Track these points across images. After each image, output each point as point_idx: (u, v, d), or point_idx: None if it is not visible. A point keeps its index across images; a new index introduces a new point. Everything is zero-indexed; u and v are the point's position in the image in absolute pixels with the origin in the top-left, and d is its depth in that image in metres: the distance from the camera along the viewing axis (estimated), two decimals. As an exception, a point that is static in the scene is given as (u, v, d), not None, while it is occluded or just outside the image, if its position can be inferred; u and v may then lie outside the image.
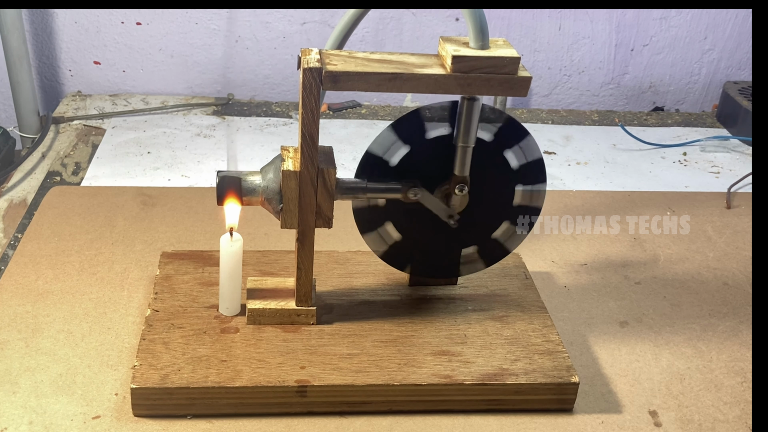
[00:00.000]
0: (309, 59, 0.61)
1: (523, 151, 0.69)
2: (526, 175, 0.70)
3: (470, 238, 0.73)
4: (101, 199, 0.95)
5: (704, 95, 1.38)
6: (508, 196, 0.71)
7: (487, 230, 0.73)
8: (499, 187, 0.71)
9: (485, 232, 0.73)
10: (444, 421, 0.66)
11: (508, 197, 0.71)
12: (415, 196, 0.68)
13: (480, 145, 0.68)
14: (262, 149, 1.12)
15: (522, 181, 0.70)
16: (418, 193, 0.68)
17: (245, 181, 0.65)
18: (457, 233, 0.72)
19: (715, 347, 0.77)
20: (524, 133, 0.69)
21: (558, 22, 1.28)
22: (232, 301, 0.70)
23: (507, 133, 0.68)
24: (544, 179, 0.71)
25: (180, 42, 1.24)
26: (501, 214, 0.72)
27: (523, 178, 0.70)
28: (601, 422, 0.67)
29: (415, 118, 0.67)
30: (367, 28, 1.26)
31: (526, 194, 0.71)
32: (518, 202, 0.71)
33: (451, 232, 0.72)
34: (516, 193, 0.71)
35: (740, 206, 1.04)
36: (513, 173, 0.70)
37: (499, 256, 0.74)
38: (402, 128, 0.67)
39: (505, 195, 0.71)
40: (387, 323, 0.71)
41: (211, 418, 0.64)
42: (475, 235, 0.73)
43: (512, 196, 0.71)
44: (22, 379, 0.66)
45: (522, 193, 0.71)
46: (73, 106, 1.22)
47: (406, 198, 0.68)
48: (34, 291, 0.77)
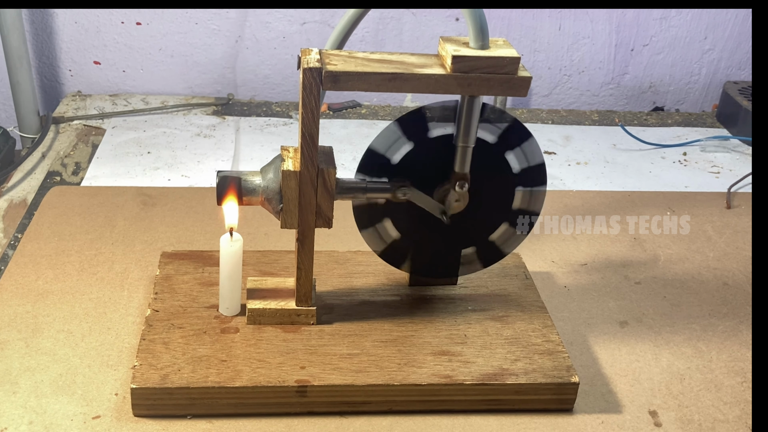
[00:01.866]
0: (309, 59, 0.61)
1: (525, 154, 0.69)
2: (527, 178, 0.70)
3: (468, 239, 0.73)
4: (101, 199, 0.95)
5: (704, 95, 1.38)
6: (507, 198, 0.71)
7: (486, 231, 0.73)
8: (500, 189, 0.71)
9: (484, 233, 0.73)
10: (444, 421, 0.66)
11: (508, 199, 0.71)
12: (404, 195, 0.68)
13: (482, 146, 0.68)
14: (262, 149, 1.12)
15: (522, 183, 0.70)
16: (407, 192, 0.68)
17: (245, 181, 0.65)
18: (455, 233, 0.72)
19: (715, 347, 0.77)
20: (527, 134, 0.69)
21: (558, 22, 1.28)
22: (232, 301, 0.70)
23: (510, 134, 0.68)
24: (545, 182, 0.71)
25: (180, 42, 1.24)
26: (500, 215, 0.72)
27: (523, 180, 0.70)
28: (601, 422, 0.67)
29: (419, 115, 0.67)
30: (367, 28, 1.26)
31: (526, 197, 0.71)
32: (518, 205, 0.71)
33: (448, 232, 0.72)
34: (516, 195, 0.71)
35: (740, 206, 1.04)
36: (514, 175, 0.70)
37: (496, 258, 0.75)
38: (407, 124, 0.67)
39: (505, 197, 0.71)
40: (387, 323, 0.71)
41: (211, 418, 0.64)
42: (473, 236, 0.73)
43: (512, 198, 0.71)
44: (22, 379, 0.66)
45: (522, 195, 0.71)
46: (73, 106, 1.22)
47: (395, 198, 0.68)
48: (34, 291, 0.77)
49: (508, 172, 0.70)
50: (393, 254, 0.73)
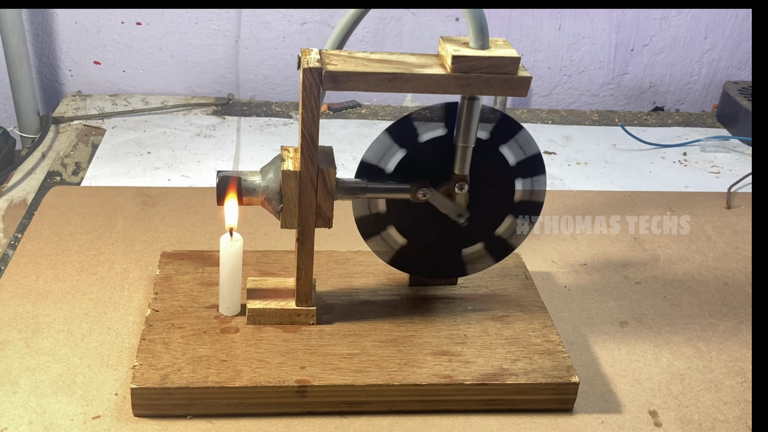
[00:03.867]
0: (309, 59, 0.61)
1: (520, 146, 0.69)
2: (525, 169, 0.70)
3: (475, 236, 0.73)
4: (101, 199, 0.95)
5: (704, 95, 1.38)
6: (509, 191, 0.71)
7: (491, 227, 0.72)
8: (500, 183, 0.70)
9: (490, 229, 0.72)
10: (444, 421, 0.66)
11: (509, 192, 0.71)
12: (424, 196, 0.68)
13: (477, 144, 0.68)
14: (262, 149, 1.12)
15: (522, 174, 0.70)
16: (428, 193, 0.68)
17: (245, 181, 0.65)
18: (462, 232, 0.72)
19: (715, 347, 0.77)
20: (518, 127, 0.69)
21: (558, 22, 1.28)
22: (232, 301, 0.70)
23: (502, 129, 0.68)
24: (544, 171, 0.71)
25: (180, 42, 1.24)
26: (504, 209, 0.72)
27: (522, 172, 0.70)
28: (601, 422, 0.67)
29: (407, 122, 0.67)
30: (367, 28, 1.26)
31: (527, 188, 0.71)
32: (520, 197, 0.71)
33: (454, 231, 0.72)
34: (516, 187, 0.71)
35: (740, 206, 1.04)
36: (512, 168, 0.70)
37: (507, 252, 0.74)
38: (396, 132, 0.67)
39: (506, 190, 0.71)
40: (387, 323, 0.71)
41: (211, 418, 0.64)
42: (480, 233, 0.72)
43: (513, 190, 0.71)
44: (22, 379, 0.66)
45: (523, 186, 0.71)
46: (73, 106, 1.22)
47: (415, 198, 0.68)
48: (34, 291, 0.77)
49: (505, 166, 0.70)
50: (401, 260, 0.73)
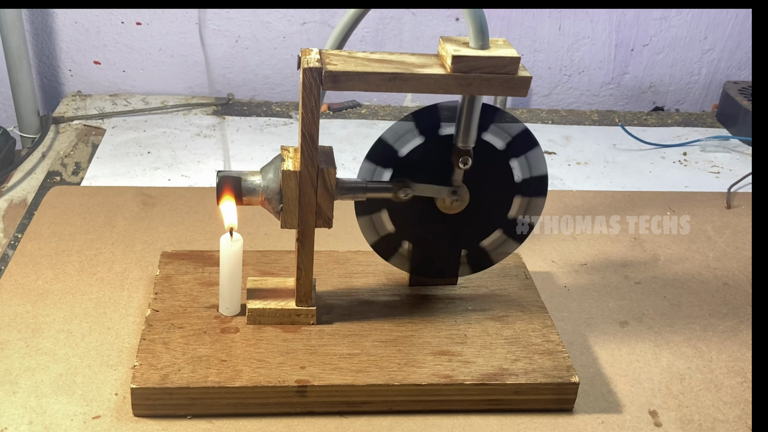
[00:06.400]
0: (309, 59, 0.61)
1: (529, 163, 0.69)
2: (528, 188, 0.70)
3: (462, 242, 0.73)
4: (101, 199, 0.95)
5: (704, 95, 1.38)
6: (505, 205, 0.71)
7: (479, 236, 0.73)
8: (500, 195, 0.71)
9: (477, 237, 0.73)
10: (444, 421, 0.66)
11: (506, 206, 0.71)
12: (405, 196, 0.68)
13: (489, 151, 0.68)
14: (262, 149, 1.12)
15: (523, 192, 0.70)
16: (409, 192, 0.68)
17: (245, 180, 0.65)
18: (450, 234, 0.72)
19: (715, 347, 0.77)
20: (534, 143, 0.69)
21: (558, 22, 1.28)
22: (232, 301, 0.70)
23: (518, 141, 0.69)
24: (545, 194, 0.71)
25: (180, 42, 1.24)
26: (496, 221, 0.72)
27: (524, 190, 0.70)
28: (601, 422, 0.67)
29: (433, 111, 0.67)
30: (367, 28, 1.26)
31: (523, 206, 0.71)
32: (514, 214, 0.71)
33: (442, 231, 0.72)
34: (514, 203, 0.71)
35: (740, 206, 1.04)
36: (516, 184, 0.70)
37: (485, 265, 0.75)
38: (420, 118, 0.67)
39: (503, 204, 0.71)
40: (387, 323, 0.71)
41: (211, 418, 0.64)
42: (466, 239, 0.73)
43: (509, 205, 0.71)
44: (22, 379, 0.66)
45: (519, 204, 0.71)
46: (73, 106, 1.22)
47: (397, 198, 0.68)
48: (34, 291, 0.77)
49: (510, 180, 0.70)
50: (385, 246, 0.73)
